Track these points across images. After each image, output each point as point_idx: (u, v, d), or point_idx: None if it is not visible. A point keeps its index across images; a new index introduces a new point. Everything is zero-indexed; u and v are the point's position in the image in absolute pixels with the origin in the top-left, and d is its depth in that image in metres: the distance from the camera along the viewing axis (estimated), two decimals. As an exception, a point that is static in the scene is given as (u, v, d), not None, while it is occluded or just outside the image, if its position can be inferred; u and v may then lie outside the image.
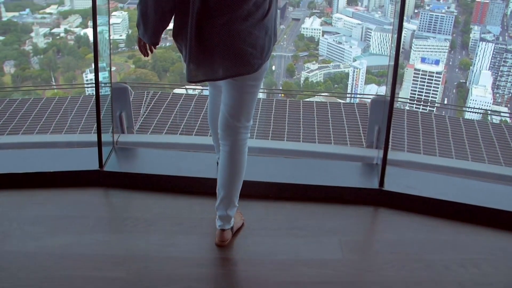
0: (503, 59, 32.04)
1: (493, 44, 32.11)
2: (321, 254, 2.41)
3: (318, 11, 38.52)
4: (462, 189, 2.96)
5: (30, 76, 31.76)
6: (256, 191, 2.77)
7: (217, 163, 2.65)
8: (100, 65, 2.91)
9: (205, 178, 2.80)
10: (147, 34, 2.16)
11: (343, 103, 4.12)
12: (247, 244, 2.47)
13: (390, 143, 2.90)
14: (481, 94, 29.95)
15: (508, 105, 31.74)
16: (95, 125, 2.97)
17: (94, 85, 2.94)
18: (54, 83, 31.48)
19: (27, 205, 2.81)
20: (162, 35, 2.19)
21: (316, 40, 36.06)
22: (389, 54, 2.86)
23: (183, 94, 4.30)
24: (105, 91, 3.22)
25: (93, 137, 3.03)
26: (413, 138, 3.76)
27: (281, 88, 32.02)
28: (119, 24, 33.78)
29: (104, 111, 3.11)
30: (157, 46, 2.28)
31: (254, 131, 3.39)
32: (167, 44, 31.99)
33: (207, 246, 2.43)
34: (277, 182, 2.86)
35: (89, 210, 2.77)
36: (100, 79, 3.00)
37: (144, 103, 4.00)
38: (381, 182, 2.83)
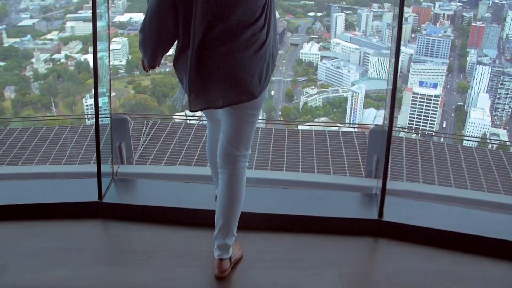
0: (500, 82, 32.28)
1: (490, 67, 32.38)
2: (321, 287, 2.40)
3: (316, 36, 38.87)
4: (462, 218, 2.96)
5: (30, 101, 31.95)
6: (255, 223, 2.77)
7: (216, 197, 2.66)
8: (100, 90, 2.93)
9: (204, 209, 2.80)
10: (146, 58, 2.22)
11: (341, 131, 4.13)
12: (246, 277, 2.46)
13: (389, 173, 2.90)
14: (479, 117, 30.08)
15: (507, 127, 31.89)
16: (95, 155, 2.98)
17: (94, 115, 2.95)
18: (54, 109, 31.65)
19: (26, 237, 2.80)
20: (162, 60, 2.24)
21: (314, 65, 36.34)
22: (387, 78, 2.88)
23: (182, 123, 4.32)
24: (104, 120, 3.23)
25: (93, 168, 3.03)
26: (412, 167, 3.76)
27: (280, 113, 32.25)
28: (119, 50, 34.11)
29: (104, 141, 3.13)
30: (157, 69, 2.32)
31: (253, 161, 3.40)
32: (167, 69, 32.12)
33: (207, 279, 2.42)
34: (277, 214, 2.86)
35: (88, 242, 2.76)
36: (100, 104, 3.02)
37: (144, 132, 4.02)
38: (381, 213, 2.82)
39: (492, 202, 3.25)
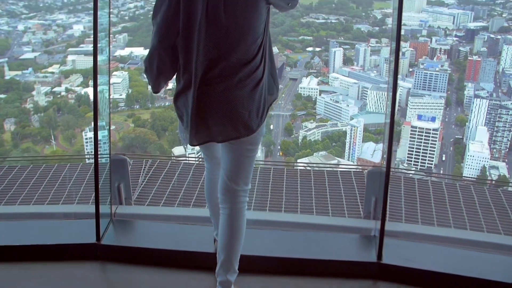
0: (498, 115, 32.48)
1: (487, 100, 32.62)
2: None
3: (315, 71, 39.31)
4: (461, 260, 2.94)
5: (30, 133, 32.06)
6: (253, 266, 2.74)
7: (215, 239, 2.65)
8: (99, 123, 2.94)
9: (203, 252, 2.78)
10: (150, 84, 2.30)
11: (340, 171, 4.15)
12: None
13: (387, 214, 2.90)
14: (478, 150, 30.15)
15: (506, 159, 31.93)
16: (93, 194, 2.97)
17: (93, 155, 2.97)
18: (53, 141, 31.70)
19: (23, 279, 2.78)
20: (161, 96, 2.29)
21: (313, 99, 36.65)
22: (385, 112, 2.90)
23: (181, 162, 4.34)
24: (105, 160, 3.24)
25: (91, 208, 3.03)
26: (411, 207, 3.76)
27: (279, 147, 32.37)
28: (119, 83, 34.40)
29: (102, 181, 3.13)
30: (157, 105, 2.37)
31: (251, 202, 3.40)
32: (166, 103, 32.41)
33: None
34: (275, 257, 2.85)
35: (86, 285, 2.74)
36: (100, 137, 3.03)
37: (143, 172, 4.03)
38: (379, 255, 2.81)
39: (491, 243, 3.24)
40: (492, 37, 38.92)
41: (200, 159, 4.22)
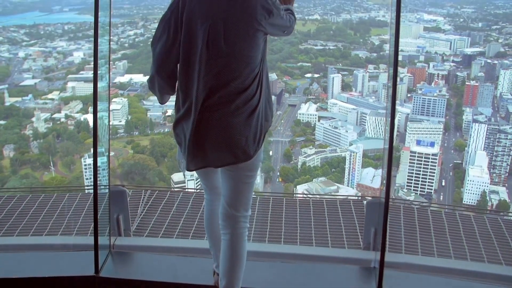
0: (496, 139, 32.53)
1: (486, 125, 32.72)
2: None
3: (314, 97, 39.53)
4: (461, 292, 2.93)
5: (28, 160, 32.00)
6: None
7: (214, 271, 2.64)
8: (99, 149, 2.95)
9: (203, 285, 2.77)
10: (156, 96, 2.38)
11: (339, 200, 4.14)
12: None
13: (387, 245, 2.89)
14: (478, 175, 30.10)
15: (506, 184, 31.85)
16: (92, 225, 2.96)
17: (92, 187, 2.97)
18: (52, 168, 31.63)
19: (20, 313, 2.76)
20: (161, 122, 2.32)
21: (312, 125, 36.76)
22: (384, 138, 2.91)
23: (180, 193, 4.33)
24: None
25: (90, 240, 3.02)
26: (410, 237, 3.74)
27: (278, 173, 32.36)
28: (119, 110, 34.53)
29: (101, 211, 3.12)
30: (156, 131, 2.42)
31: (251, 233, 3.38)
32: (166, 130, 32.47)
33: None
34: (275, 290, 2.83)
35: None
36: (99, 164, 3.03)
37: (142, 202, 4.03)
38: (380, 287, 2.79)
39: (492, 274, 3.22)
40: (489, 62, 39.27)
41: (199, 189, 4.21)
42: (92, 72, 2.83)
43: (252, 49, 2.13)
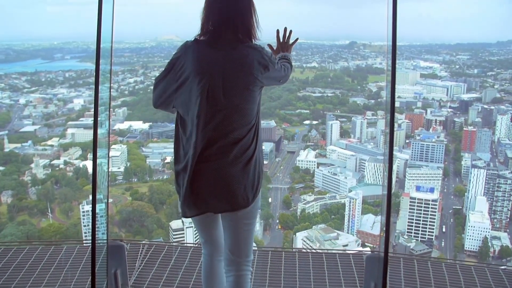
0: (496, 184, 32.51)
1: (485, 170, 32.77)
2: None
3: (313, 143, 39.79)
4: None
5: (26, 206, 31.81)
6: None
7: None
8: (97, 196, 2.95)
9: None
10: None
11: (338, 254, 4.11)
12: None
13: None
14: (478, 220, 29.95)
15: (507, 229, 31.62)
16: (89, 279, 2.92)
17: (91, 241, 2.95)
18: (50, 214, 31.39)
19: None
20: (159, 169, 2.34)
21: (311, 171, 36.84)
22: (383, 184, 2.91)
23: (178, 247, 4.30)
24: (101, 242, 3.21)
25: (87, 296, 2.97)
26: (411, 290, 3.70)
27: (278, 220, 32.18)
28: (118, 157, 34.63)
29: (99, 264, 3.09)
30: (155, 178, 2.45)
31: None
32: (165, 177, 32.48)
33: None
34: None
35: None
36: (97, 211, 3.02)
37: (139, 256, 3.99)
38: None
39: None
40: (486, 108, 39.73)
41: (198, 244, 4.18)
42: (92, 119, 2.87)
43: (249, 102, 2.20)
